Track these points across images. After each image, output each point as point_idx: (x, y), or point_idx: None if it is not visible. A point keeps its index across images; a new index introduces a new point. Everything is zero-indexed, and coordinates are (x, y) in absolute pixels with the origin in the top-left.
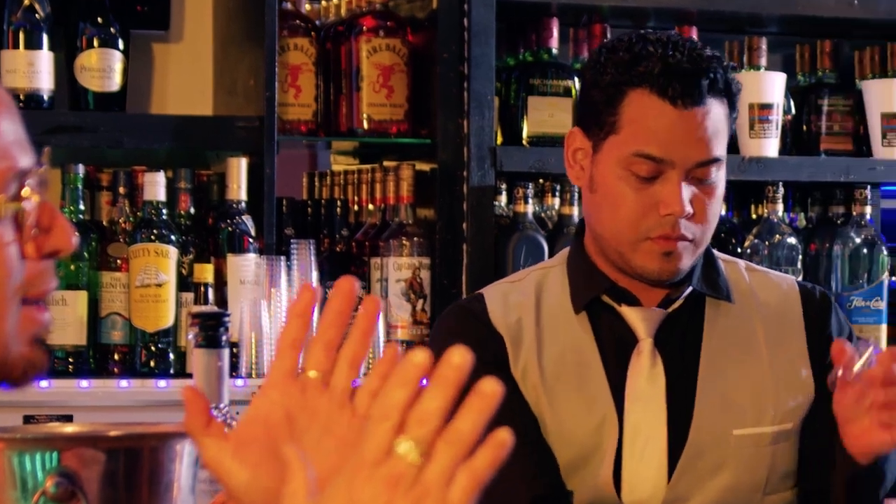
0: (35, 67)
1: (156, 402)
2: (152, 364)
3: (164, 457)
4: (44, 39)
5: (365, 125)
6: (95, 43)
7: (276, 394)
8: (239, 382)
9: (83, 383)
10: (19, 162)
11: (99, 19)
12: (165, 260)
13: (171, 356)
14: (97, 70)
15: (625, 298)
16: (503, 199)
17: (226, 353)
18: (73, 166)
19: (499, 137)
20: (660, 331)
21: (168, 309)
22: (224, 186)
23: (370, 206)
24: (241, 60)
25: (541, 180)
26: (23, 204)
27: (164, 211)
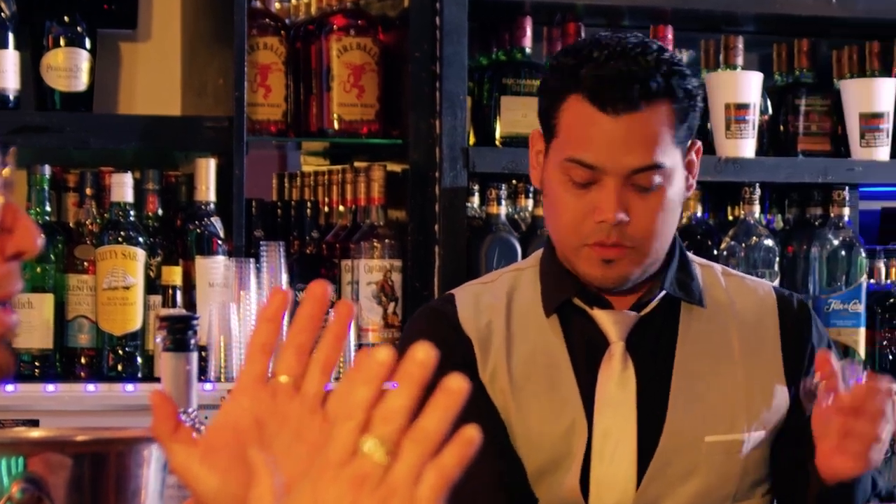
0: (0, 67)
1: (123, 407)
2: (120, 368)
3: (132, 462)
4: (9, 38)
5: (335, 125)
6: (62, 42)
7: (245, 399)
8: (208, 386)
9: (49, 387)
10: None
11: (66, 18)
12: (133, 262)
13: (139, 360)
14: (64, 69)
15: (597, 301)
16: (476, 200)
17: (194, 357)
18: (40, 167)
19: (471, 138)
20: (632, 334)
21: (136, 312)
22: (192, 187)
23: (341, 208)
24: (210, 60)
25: (514, 181)
26: None
27: (132, 212)
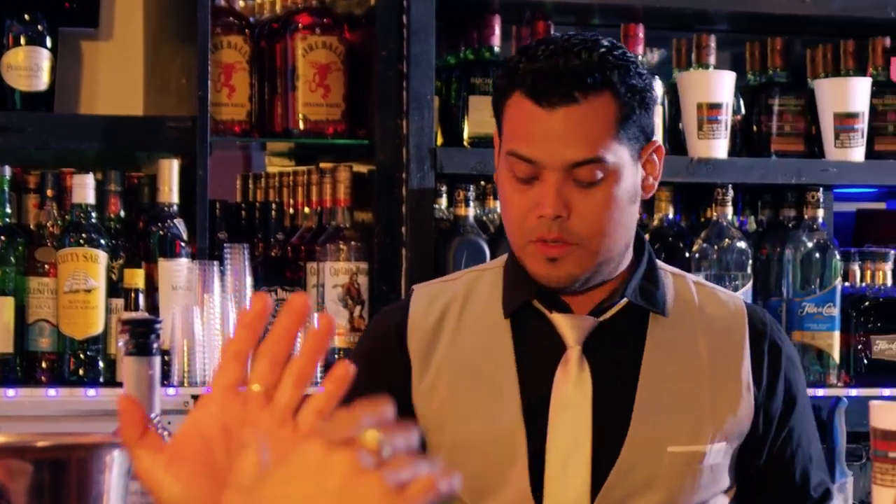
0: None
1: (85, 412)
2: (81, 372)
3: (94, 468)
4: None
5: (301, 125)
6: (22, 41)
7: (215, 407)
8: (171, 391)
9: (10, 392)
10: None
11: (26, 16)
12: (95, 265)
13: (101, 364)
14: (24, 69)
15: (556, 305)
16: (443, 201)
17: (157, 361)
18: (0, 168)
19: (439, 138)
20: (591, 340)
21: (97, 315)
22: (155, 189)
23: (306, 210)
24: (173, 59)
25: (482, 182)
26: None
27: (94, 214)
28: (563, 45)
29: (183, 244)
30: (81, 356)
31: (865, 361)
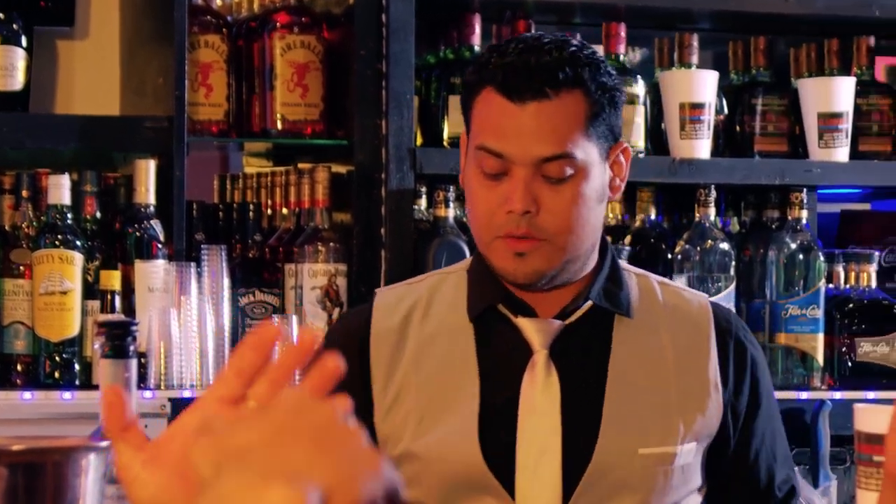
0: None
1: (60, 415)
2: (57, 375)
3: (69, 472)
4: None
5: (279, 125)
6: None
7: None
8: (147, 394)
9: None
10: None
11: (1, 15)
12: (70, 266)
13: (77, 367)
14: None
15: (521, 310)
16: (423, 202)
17: (133, 364)
18: None
19: (418, 138)
20: (557, 343)
21: (73, 317)
22: (131, 189)
23: (284, 210)
24: (150, 58)
25: None
26: None
27: (69, 215)
28: (535, 43)
29: (159, 245)
30: (57, 359)
31: (850, 364)
